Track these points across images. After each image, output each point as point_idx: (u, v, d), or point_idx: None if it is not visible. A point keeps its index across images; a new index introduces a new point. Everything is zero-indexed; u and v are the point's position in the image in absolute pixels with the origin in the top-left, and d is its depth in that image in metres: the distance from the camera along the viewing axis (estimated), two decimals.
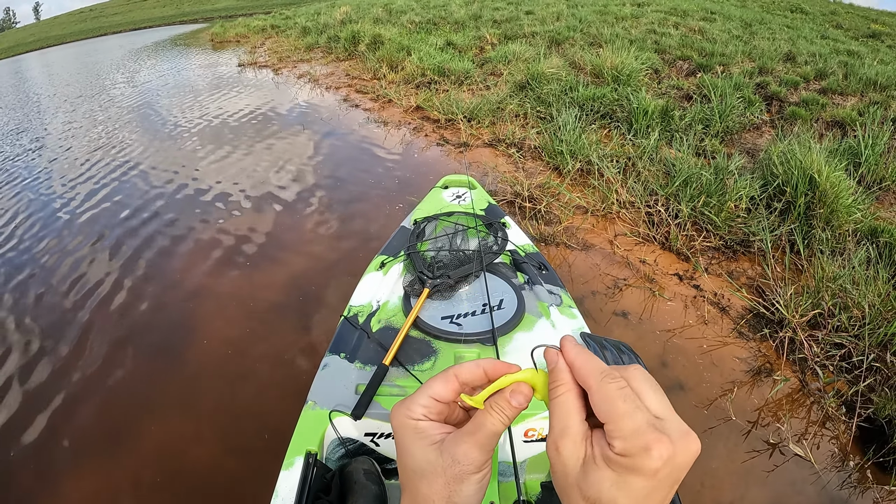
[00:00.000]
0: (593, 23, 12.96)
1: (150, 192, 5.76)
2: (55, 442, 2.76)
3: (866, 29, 16.51)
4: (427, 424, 0.57)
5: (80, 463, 2.64)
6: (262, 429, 2.71)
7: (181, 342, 3.41)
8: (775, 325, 3.27)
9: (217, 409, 2.88)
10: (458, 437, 0.55)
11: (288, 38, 16.87)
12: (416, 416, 0.57)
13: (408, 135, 6.92)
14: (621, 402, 0.47)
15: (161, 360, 3.28)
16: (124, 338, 3.49)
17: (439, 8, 17.92)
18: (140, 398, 3.00)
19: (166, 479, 2.52)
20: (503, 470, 1.70)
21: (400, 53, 10.32)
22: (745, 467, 2.49)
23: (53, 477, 2.58)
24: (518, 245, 2.72)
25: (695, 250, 4.01)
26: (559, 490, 0.50)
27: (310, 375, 1.91)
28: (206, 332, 3.47)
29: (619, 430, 0.46)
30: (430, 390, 0.58)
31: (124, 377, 3.16)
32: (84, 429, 2.83)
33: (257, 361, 3.17)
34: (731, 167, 4.58)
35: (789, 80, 8.30)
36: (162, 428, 2.79)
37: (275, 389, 2.96)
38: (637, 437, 0.45)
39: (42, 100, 13.02)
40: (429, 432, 0.56)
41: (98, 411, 2.93)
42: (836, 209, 4.06)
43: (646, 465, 0.44)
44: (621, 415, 0.46)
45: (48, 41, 43.32)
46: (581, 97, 6.81)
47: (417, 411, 0.57)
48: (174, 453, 2.64)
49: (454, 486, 0.53)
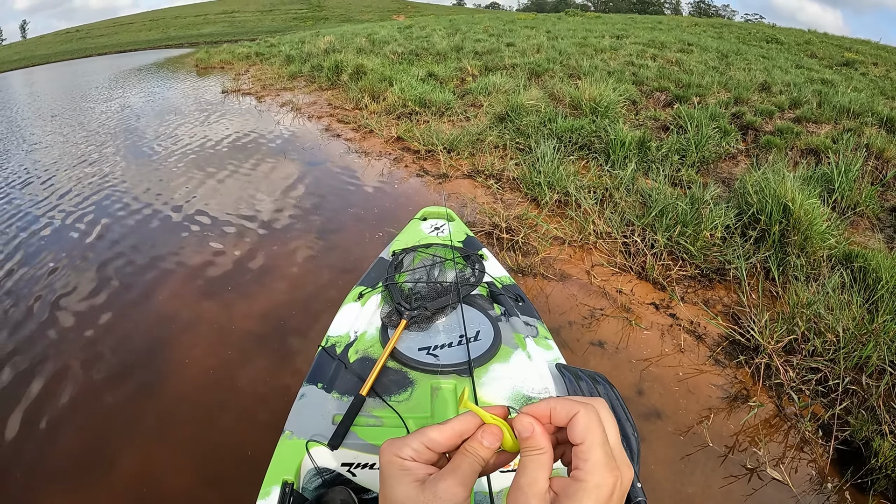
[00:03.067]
0: (573, 55, 13.19)
1: (127, 219, 5.71)
2: (25, 469, 2.69)
3: (840, 57, 16.88)
4: (412, 464, 0.59)
5: (51, 493, 2.57)
6: (239, 458, 2.68)
7: (158, 370, 3.37)
8: (751, 351, 3.30)
9: (194, 437, 2.84)
10: (439, 475, 0.57)
11: (272, 66, 16.98)
12: (404, 456, 0.59)
13: (388, 165, 6.96)
14: (592, 432, 0.54)
15: (137, 388, 3.22)
16: (99, 364, 3.44)
17: (422, 39, 18.19)
18: (115, 426, 2.94)
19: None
20: (480, 500, 1.69)
21: (382, 84, 10.43)
22: (723, 492, 2.49)
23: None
24: (495, 277, 2.73)
25: (671, 279, 4.04)
26: None
27: (287, 405, 1.90)
28: (184, 361, 3.43)
29: (588, 458, 0.53)
30: (424, 437, 0.60)
31: (99, 404, 3.10)
32: (56, 456, 2.76)
33: (235, 390, 3.14)
34: (707, 197, 4.64)
35: (764, 110, 8.47)
36: (138, 456, 2.74)
37: (252, 418, 2.93)
38: (596, 471, 0.52)
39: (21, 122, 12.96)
40: (414, 471, 0.58)
41: (71, 439, 2.87)
42: (810, 236, 4.12)
43: (601, 491, 0.52)
44: (591, 447, 0.53)
45: (33, 60, 43.28)
46: (560, 129, 6.90)
47: (406, 452, 0.59)
48: (150, 482, 2.60)
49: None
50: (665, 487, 2.51)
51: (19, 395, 3.24)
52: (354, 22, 44.73)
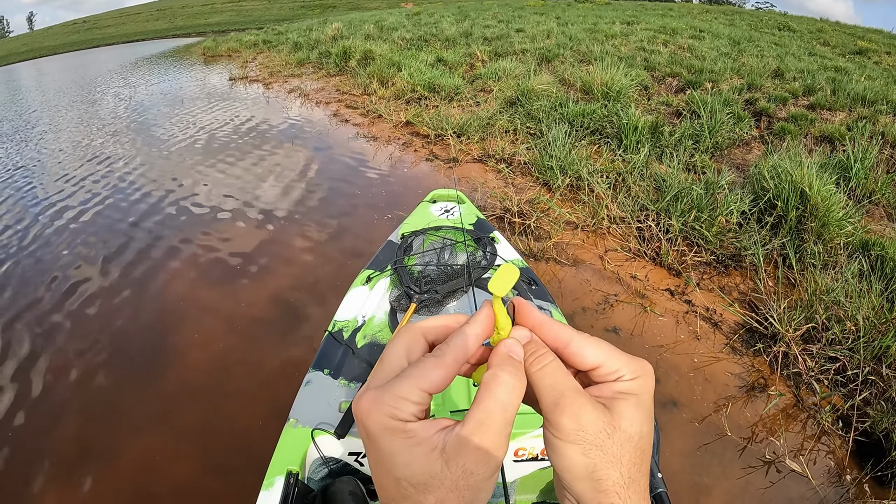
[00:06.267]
0: (583, 41, 13.07)
1: (134, 205, 5.69)
2: (27, 458, 2.67)
3: (853, 46, 16.67)
4: (419, 426, 0.44)
5: (53, 481, 2.55)
6: (243, 447, 2.64)
7: (162, 357, 3.34)
8: (768, 339, 3.23)
9: (197, 426, 2.81)
10: (463, 441, 0.43)
11: (279, 53, 16.89)
12: (404, 417, 0.43)
13: (397, 150, 6.90)
14: (604, 343, 0.49)
15: (141, 375, 3.20)
16: (102, 351, 3.42)
17: (430, 25, 18.09)
18: (118, 414, 2.92)
19: (144, 498, 2.44)
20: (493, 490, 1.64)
21: (390, 69, 10.36)
22: (741, 484, 2.43)
23: (24, 496, 2.49)
24: (507, 260, 2.67)
25: (686, 265, 3.98)
26: (587, 459, 0.44)
27: (292, 391, 1.86)
28: (188, 347, 3.40)
29: (618, 361, 0.47)
30: (422, 381, 0.45)
31: (102, 392, 3.08)
32: (58, 445, 2.74)
33: (239, 377, 3.10)
34: (722, 182, 4.56)
35: (778, 97, 8.36)
36: (141, 445, 2.71)
37: (257, 406, 2.89)
38: (633, 361, 0.47)
39: (33, 112, 12.96)
40: (425, 435, 0.43)
41: (74, 427, 2.85)
42: (828, 223, 4.05)
43: (649, 381, 0.47)
44: (615, 352, 0.48)
45: (41, 51, 43.37)
46: (571, 113, 6.82)
47: (406, 409, 0.44)
48: (153, 471, 2.57)
49: (469, 495, 0.42)
50: (682, 479, 2.46)
51: (20, 379, 3.23)
52: (362, 10, 44.51)
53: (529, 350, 0.48)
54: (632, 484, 0.44)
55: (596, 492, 0.44)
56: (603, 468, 0.43)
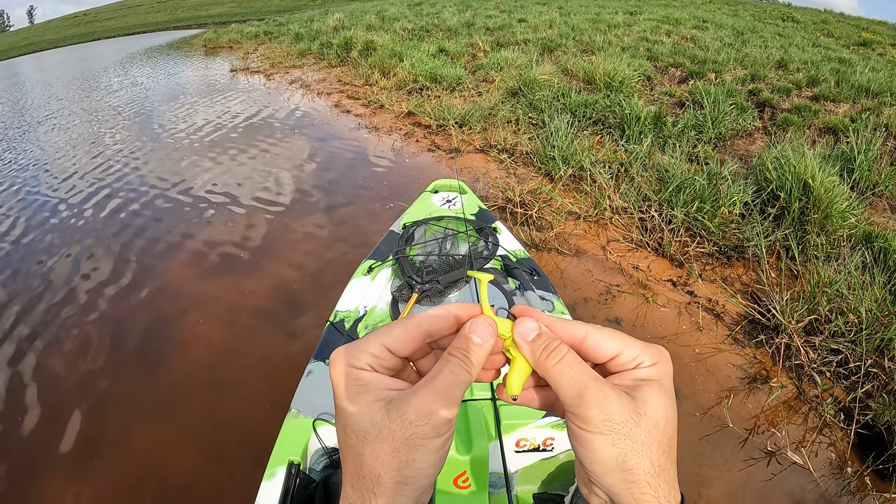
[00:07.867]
0: (586, 31, 12.99)
1: (137, 197, 5.69)
2: (30, 449, 2.68)
3: (857, 37, 16.59)
4: (373, 376, 0.46)
5: (56, 471, 2.56)
6: (244, 437, 2.64)
7: (164, 347, 3.34)
8: (771, 331, 3.22)
9: (199, 416, 2.81)
10: (410, 392, 0.45)
11: (281, 44, 16.83)
12: (359, 366, 0.46)
13: (399, 140, 6.88)
14: (619, 333, 0.49)
15: (143, 366, 3.20)
16: (105, 342, 3.42)
17: (432, 15, 17.98)
18: (121, 405, 2.92)
19: (146, 488, 2.45)
20: (494, 481, 1.64)
21: (392, 60, 10.32)
22: (742, 475, 2.43)
23: (28, 486, 2.50)
24: (509, 250, 2.67)
25: (688, 256, 3.96)
26: (616, 449, 0.44)
27: (294, 382, 1.85)
28: (190, 338, 3.40)
29: (636, 348, 0.48)
30: (384, 337, 0.47)
31: (105, 383, 3.08)
32: (61, 435, 2.75)
33: (241, 368, 3.10)
34: (725, 173, 4.54)
35: (781, 88, 8.31)
36: (143, 436, 2.72)
37: (259, 396, 2.89)
38: (650, 347, 0.49)
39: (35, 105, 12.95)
40: (374, 385, 0.46)
41: (77, 418, 2.85)
42: (831, 214, 4.03)
43: (668, 365, 0.49)
44: (630, 340, 0.49)
45: (41, 45, 43.19)
46: (573, 103, 6.79)
47: (362, 359, 0.46)
48: (155, 462, 2.57)
49: (406, 454, 0.43)
50: (683, 470, 2.46)
51: (21, 372, 3.23)
52: (363, 0, 44.31)
53: (542, 344, 0.48)
54: (662, 472, 0.45)
55: (627, 482, 0.44)
56: (633, 457, 0.44)
